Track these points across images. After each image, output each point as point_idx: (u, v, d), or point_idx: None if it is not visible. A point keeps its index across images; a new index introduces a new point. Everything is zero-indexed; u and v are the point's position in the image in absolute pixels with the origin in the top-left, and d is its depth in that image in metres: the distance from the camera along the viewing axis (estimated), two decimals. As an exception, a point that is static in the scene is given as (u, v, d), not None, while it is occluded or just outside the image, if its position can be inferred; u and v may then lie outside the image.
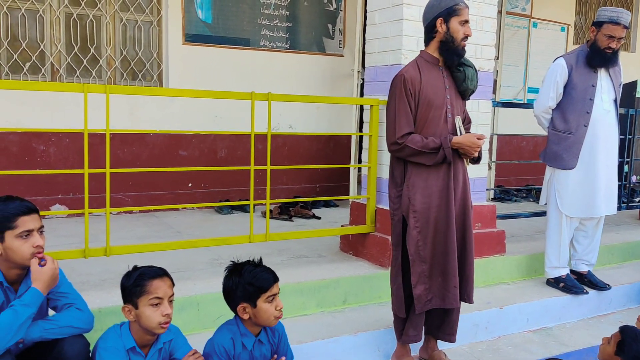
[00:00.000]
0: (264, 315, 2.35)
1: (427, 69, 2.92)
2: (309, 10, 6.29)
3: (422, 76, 2.89)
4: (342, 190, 6.30)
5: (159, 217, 5.37)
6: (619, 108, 4.04)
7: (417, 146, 2.83)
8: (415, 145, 2.83)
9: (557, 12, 8.13)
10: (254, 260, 2.48)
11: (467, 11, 2.87)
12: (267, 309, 2.35)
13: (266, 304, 2.34)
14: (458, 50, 2.87)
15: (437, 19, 2.86)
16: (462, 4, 2.86)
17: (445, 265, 2.91)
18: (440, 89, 2.91)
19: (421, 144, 2.83)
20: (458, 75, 2.93)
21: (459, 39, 2.85)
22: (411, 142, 2.83)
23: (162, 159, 5.57)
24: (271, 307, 2.35)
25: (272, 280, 2.38)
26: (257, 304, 2.34)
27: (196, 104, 5.54)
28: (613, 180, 4.01)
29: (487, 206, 4.14)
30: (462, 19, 2.84)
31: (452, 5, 2.84)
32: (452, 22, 2.84)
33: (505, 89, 7.62)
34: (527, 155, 7.92)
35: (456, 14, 2.83)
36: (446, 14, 2.84)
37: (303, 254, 4.10)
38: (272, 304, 2.36)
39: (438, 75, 2.93)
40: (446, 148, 2.81)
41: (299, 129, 6.23)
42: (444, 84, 2.93)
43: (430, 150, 2.83)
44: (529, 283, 4.20)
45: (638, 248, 4.97)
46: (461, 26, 2.84)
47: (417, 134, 2.88)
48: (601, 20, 3.75)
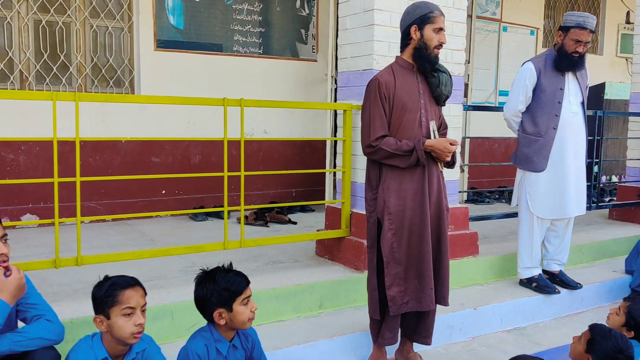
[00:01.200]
0: (240, 318, 2.36)
1: (401, 74, 2.96)
2: (282, 16, 6.30)
3: (396, 81, 2.93)
4: (318, 195, 6.31)
5: (132, 225, 5.32)
6: (586, 110, 4.12)
7: (391, 149, 2.86)
8: (389, 148, 2.86)
9: (527, 16, 8.28)
10: (224, 265, 2.48)
11: (443, 19, 2.90)
12: (243, 311, 2.37)
13: (242, 306, 2.37)
14: (430, 57, 2.91)
15: (411, 26, 2.91)
16: (437, 11, 2.89)
17: (421, 267, 2.93)
18: (415, 93, 2.95)
19: (395, 146, 2.86)
20: (432, 80, 2.97)
21: (432, 47, 2.89)
22: (385, 144, 2.87)
23: (134, 166, 5.52)
24: (247, 309, 2.38)
25: (245, 282, 2.41)
26: (233, 307, 2.35)
27: (169, 111, 5.51)
28: (582, 181, 4.09)
29: (459, 208, 4.19)
30: (436, 27, 2.87)
31: (426, 13, 2.88)
32: (426, 30, 2.88)
33: (476, 93, 7.71)
34: (499, 157, 8.03)
35: (430, 21, 2.87)
36: (420, 21, 2.89)
37: (278, 259, 4.09)
38: (247, 306, 2.39)
39: (413, 80, 2.97)
40: (419, 150, 2.84)
41: (274, 134, 6.23)
42: (418, 89, 2.96)
43: (403, 153, 2.86)
44: (502, 284, 4.25)
45: (608, 247, 5.07)
46: (435, 34, 2.88)
47: (392, 136, 2.91)
48: (568, 25, 3.81)
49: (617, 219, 5.94)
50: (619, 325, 2.97)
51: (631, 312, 2.93)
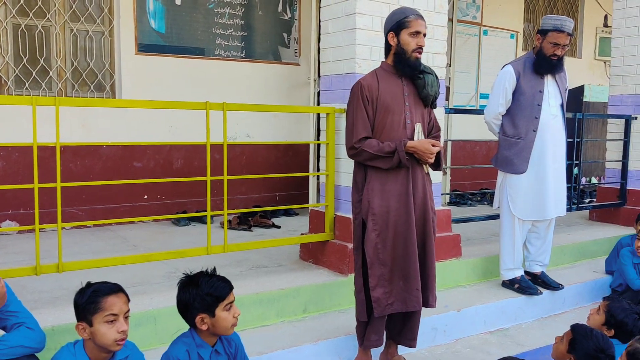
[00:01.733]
0: (222, 323, 2.35)
1: (385, 78, 2.99)
2: (264, 20, 6.29)
3: (379, 84, 2.96)
4: (302, 199, 6.31)
5: (114, 230, 5.27)
6: (566, 112, 4.18)
7: (373, 150, 2.89)
8: (371, 149, 2.89)
9: (507, 20, 8.37)
10: (208, 270, 2.46)
11: (420, 22, 2.90)
12: (226, 317, 2.35)
13: (224, 312, 2.35)
14: (410, 61, 2.93)
15: (389, 33, 2.96)
16: (413, 16, 2.90)
17: (407, 269, 2.94)
18: (399, 95, 2.97)
19: (377, 148, 2.89)
20: (418, 82, 2.99)
21: (410, 51, 2.91)
22: (367, 146, 2.90)
23: (116, 171, 5.47)
24: (229, 315, 2.36)
25: (228, 288, 2.39)
26: (216, 313, 2.33)
27: (151, 115, 5.47)
28: (562, 182, 4.14)
29: (443, 210, 4.21)
30: (412, 31, 2.89)
31: (402, 19, 2.91)
32: (403, 35, 2.91)
33: (457, 96, 7.77)
34: (480, 160, 8.10)
35: (405, 26, 2.89)
36: (396, 27, 2.92)
37: (262, 263, 4.08)
38: (230, 311, 2.37)
39: (397, 83, 2.99)
40: (400, 152, 2.86)
41: (257, 138, 6.22)
42: (402, 91, 2.98)
43: (385, 154, 2.88)
44: (485, 285, 4.28)
45: (589, 248, 5.13)
46: (412, 38, 2.89)
47: (376, 138, 2.93)
48: (546, 28, 3.86)
49: (597, 220, 6.03)
50: (600, 325, 3.01)
51: (611, 311, 2.97)
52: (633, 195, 5.78)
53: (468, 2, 7.92)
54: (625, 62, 5.83)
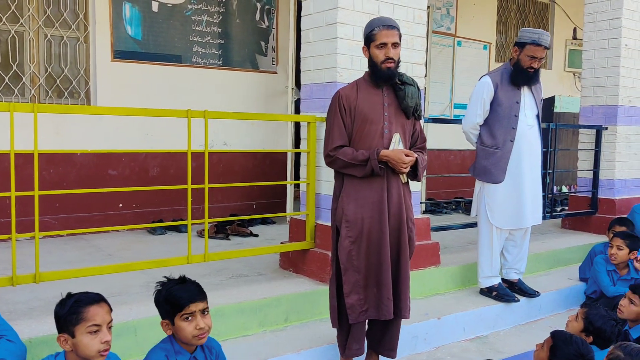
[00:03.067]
0: (182, 333, 2.30)
1: (365, 88, 3.02)
2: (241, 28, 6.28)
3: (358, 94, 2.99)
4: (279, 207, 6.29)
5: (88, 240, 5.17)
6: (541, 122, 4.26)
7: (347, 158, 2.92)
8: (346, 157, 2.92)
9: (480, 31, 8.51)
10: (183, 277, 2.42)
11: (386, 33, 2.90)
12: (185, 327, 2.28)
13: (183, 322, 2.29)
14: (381, 73, 2.95)
15: (363, 47, 3.02)
16: (378, 28, 2.91)
17: (379, 276, 2.95)
18: (378, 105, 2.99)
19: (351, 156, 2.92)
20: (399, 93, 3.01)
21: (380, 63, 2.93)
22: (342, 154, 2.93)
23: (90, 179, 5.37)
24: (189, 326, 2.28)
25: (187, 298, 2.29)
26: (175, 321, 2.30)
27: (126, 122, 5.40)
28: (538, 191, 4.21)
29: (421, 219, 4.24)
30: (378, 43, 2.91)
31: (369, 32, 2.96)
32: (371, 48, 2.95)
33: (433, 105, 7.87)
34: (455, 169, 8.20)
35: (373, 39, 2.93)
36: (366, 41, 2.98)
37: (242, 273, 4.05)
38: (191, 323, 2.29)
39: (377, 93, 3.01)
40: (373, 160, 2.87)
41: (234, 146, 6.19)
42: (382, 102, 3.00)
43: (359, 162, 2.91)
44: (463, 293, 4.32)
45: (562, 255, 5.23)
46: (379, 50, 2.92)
47: (353, 147, 2.96)
48: (523, 41, 3.93)
49: (570, 228, 6.15)
50: (578, 331, 3.05)
51: (589, 318, 3.02)
52: (604, 203, 5.92)
53: (442, 14, 8.03)
54: (595, 74, 5.98)
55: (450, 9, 8.11)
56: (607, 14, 5.86)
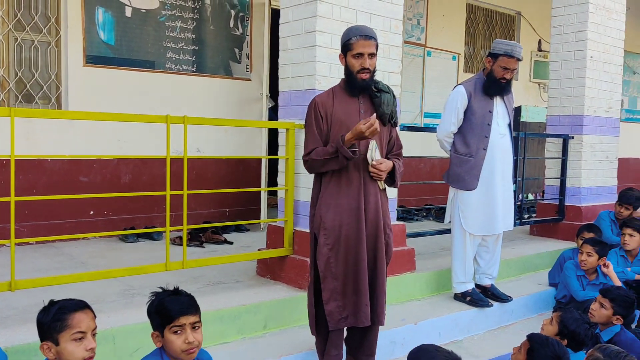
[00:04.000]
0: (170, 347, 2.26)
1: (341, 95, 3.05)
2: (215, 34, 6.27)
3: (334, 101, 3.02)
4: (253, 215, 6.27)
5: (58, 247, 5.06)
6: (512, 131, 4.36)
7: (320, 155, 2.95)
8: (318, 155, 2.96)
9: (449, 42, 8.68)
10: (177, 288, 2.40)
11: (363, 43, 2.92)
12: (173, 341, 2.24)
13: (172, 335, 2.25)
14: (356, 82, 2.98)
15: (340, 55, 3.04)
16: (355, 37, 2.93)
17: (357, 283, 2.97)
18: (354, 112, 3.02)
19: (322, 152, 2.95)
20: (375, 100, 3.05)
21: (355, 72, 2.96)
22: (315, 154, 2.97)
23: (61, 186, 5.27)
24: (178, 339, 2.24)
25: (177, 310, 2.25)
26: (164, 334, 2.26)
27: (98, 128, 5.33)
28: (509, 198, 4.31)
29: (397, 225, 4.29)
30: (354, 53, 2.93)
31: (346, 41, 2.98)
32: (348, 57, 2.98)
33: (404, 114, 7.97)
34: (425, 176, 8.30)
35: (349, 49, 2.96)
36: (342, 49, 3.01)
37: (219, 280, 4.03)
38: (180, 336, 2.24)
39: (353, 100, 3.04)
40: (340, 147, 2.86)
41: (207, 153, 6.15)
42: (358, 109, 3.03)
43: (330, 155, 2.92)
44: (438, 298, 4.38)
45: (532, 261, 5.35)
46: (355, 60, 2.94)
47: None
48: (497, 52, 4.02)
49: (538, 234, 6.29)
50: (553, 335, 3.12)
51: (563, 321, 3.10)
52: (571, 210, 6.08)
53: (413, 24, 8.16)
54: (562, 85, 6.16)
55: (420, 20, 8.25)
56: (573, 26, 6.06)
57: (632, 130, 12.07)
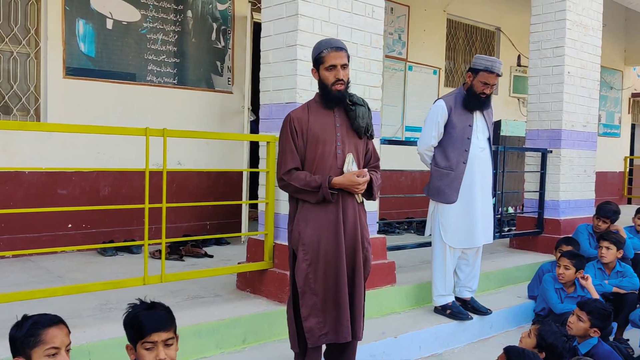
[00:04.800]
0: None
1: (316, 109, 3.03)
2: (197, 47, 6.26)
3: (309, 115, 3.00)
4: (234, 228, 6.24)
5: (35, 261, 4.98)
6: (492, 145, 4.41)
7: (300, 184, 2.91)
8: (298, 183, 2.91)
9: (430, 57, 8.77)
10: (153, 302, 2.36)
11: (335, 55, 2.92)
12: (144, 356, 2.21)
13: (144, 350, 2.21)
14: (332, 95, 2.97)
15: (312, 69, 3.03)
16: (327, 50, 2.93)
17: (338, 298, 2.95)
18: (330, 126, 3.00)
19: (304, 182, 2.90)
20: (350, 114, 3.04)
21: (330, 85, 2.96)
22: (295, 179, 2.92)
23: (39, 199, 5.20)
24: (149, 355, 2.21)
25: (150, 327, 2.21)
26: (137, 348, 2.24)
27: (77, 140, 5.28)
28: (489, 211, 4.34)
29: (378, 238, 4.30)
30: (327, 65, 2.93)
31: (317, 55, 2.97)
32: (321, 70, 2.97)
33: (385, 127, 8.02)
34: (406, 189, 8.34)
35: (321, 62, 2.95)
36: (315, 63, 3.00)
37: (198, 294, 3.99)
38: (151, 352, 2.21)
39: (328, 114, 3.03)
40: (324, 188, 2.87)
41: (188, 166, 6.12)
42: (334, 122, 3.02)
43: (312, 189, 2.90)
44: (418, 311, 4.39)
45: (511, 274, 5.39)
46: (328, 72, 2.94)
47: (307, 169, 2.95)
48: (477, 67, 4.07)
49: (517, 247, 6.34)
50: (531, 347, 3.14)
51: (541, 334, 3.12)
52: (550, 224, 6.15)
53: (394, 39, 8.24)
54: (540, 100, 6.25)
55: (401, 35, 8.33)
56: (551, 42, 6.16)
57: (609, 144, 12.29)
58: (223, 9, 6.45)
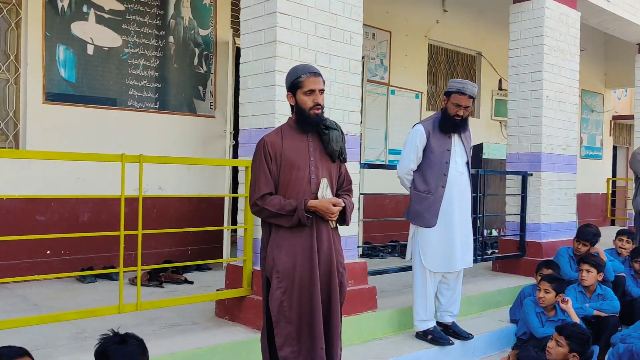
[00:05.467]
0: None
1: (290, 134, 3.01)
2: (179, 72, 6.28)
3: (283, 140, 2.97)
4: (216, 253, 6.19)
5: (12, 289, 4.90)
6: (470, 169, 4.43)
7: (275, 209, 2.87)
8: (273, 208, 2.88)
9: (412, 81, 8.86)
10: (124, 336, 2.30)
11: (313, 80, 2.93)
12: None
13: None
14: (310, 119, 2.96)
15: (287, 93, 3.02)
16: (305, 75, 2.94)
17: (313, 326, 2.90)
18: (304, 151, 2.99)
19: (278, 206, 2.87)
20: (324, 138, 3.03)
21: (308, 109, 2.95)
22: (269, 204, 2.88)
23: (16, 226, 5.14)
24: None
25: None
26: None
27: (57, 166, 5.24)
28: (468, 235, 4.34)
29: (358, 263, 4.29)
30: (306, 90, 2.93)
31: (294, 79, 2.96)
32: (298, 95, 2.95)
33: (368, 151, 8.06)
34: (390, 212, 8.35)
35: (299, 86, 2.94)
36: (291, 87, 2.98)
37: (176, 322, 3.94)
38: None
39: (302, 138, 3.01)
40: (300, 211, 2.84)
41: (170, 191, 6.09)
42: (308, 147, 3.00)
43: (287, 213, 2.87)
44: (400, 337, 4.35)
45: (493, 298, 5.37)
46: (307, 97, 2.93)
47: (281, 194, 2.93)
48: (450, 90, 4.14)
49: (500, 270, 6.35)
50: (510, 373, 3.14)
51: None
52: (531, 247, 6.17)
53: (376, 64, 8.33)
54: (520, 123, 6.32)
55: (383, 60, 8.42)
56: (530, 67, 6.25)
57: (591, 166, 12.42)
58: (205, 34, 6.49)
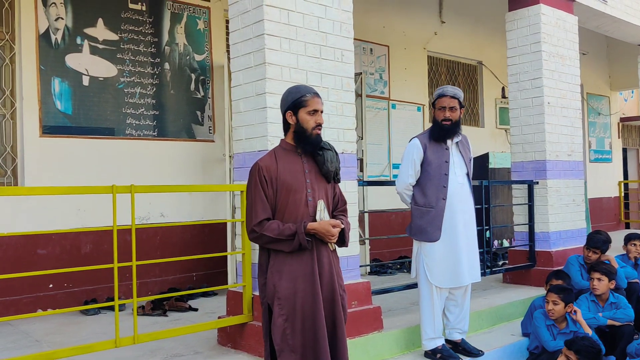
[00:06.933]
0: None
1: (284, 156, 2.95)
2: (176, 98, 6.27)
3: (278, 163, 2.91)
4: (221, 277, 6.13)
5: (15, 325, 4.86)
6: (473, 180, 4.35)
7: (274, 234, 2.80)
8: (272, 233, 2.80)
9: (412, 94, 8.81)
10: None
11: (317, 100, 2.91)
12: None
13: None
14: (311, 139, 2.92)
15: (287, 112, 2.95)
16: (309, 94, 2.91)
17: (317, 354, 2.81)
18: (299, 173, 2.93)
19: (277, 231, 2.80)
20: (319, 159, 2.97)
21: (310, 129, 2.90)
22: (268, 230, 2.81)
23: (18, 261, 5.11)
24: None
25: None
26: None
27: (57, 198, 5.22)
28: (474, 249, 4.24)
29: (362, 283, 4.20)
30: (310, 109, 2.89)
31: (298, 98, 2.91)
32: (301, 114, 2.90)
33: (371, 167, 7.99)
34: (397, 228, 8.24)
35: (303, 105, 2.90)
36: (293, 106, 2.92)
37: (178, 352, 3.87)
38: None
39: (297, 160, 2.95)
40: (300, 234, 2.78)
41: (172, 217, 6.04)
42: (303, 169, 2.94)
43: (286, 237, 2.80)
44: (408, 357, 4.24)
45: (505, 311, 5.24)
46: (310, 116, 2.89)
47: (278, 219, 2.86)
48: (434, 98, 4.19)
49: (511, 282, 6.21)
50: (520, 392, 3.02)
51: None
52: (541, 256, 6.04)
53: (376, 79, 8.29)
54: (523, 131, 6.23)
55: (382, 74, 8.39)
56: (529, 74, 6.18)
57: (601, 170, 12.26)
58: (201, 59, 6.49)
